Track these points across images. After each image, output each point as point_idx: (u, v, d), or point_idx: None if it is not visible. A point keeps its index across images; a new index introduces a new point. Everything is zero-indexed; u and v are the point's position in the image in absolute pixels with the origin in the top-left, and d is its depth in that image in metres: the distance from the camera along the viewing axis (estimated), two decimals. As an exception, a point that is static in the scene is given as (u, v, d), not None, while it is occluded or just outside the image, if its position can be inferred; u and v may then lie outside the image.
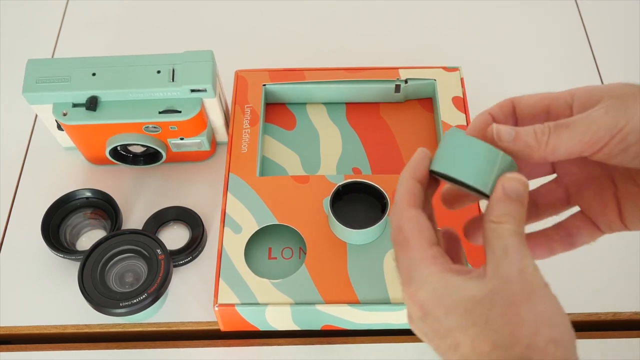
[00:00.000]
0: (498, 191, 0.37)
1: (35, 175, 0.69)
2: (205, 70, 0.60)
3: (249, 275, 0.55)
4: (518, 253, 0.36)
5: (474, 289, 0.36)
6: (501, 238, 0.36)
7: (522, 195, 0.37)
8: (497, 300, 0.35)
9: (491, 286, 0.35)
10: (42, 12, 0.84)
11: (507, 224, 0.37)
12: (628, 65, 0.76)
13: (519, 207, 0.37)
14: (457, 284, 0.36)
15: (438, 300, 0.36)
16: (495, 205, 0.37)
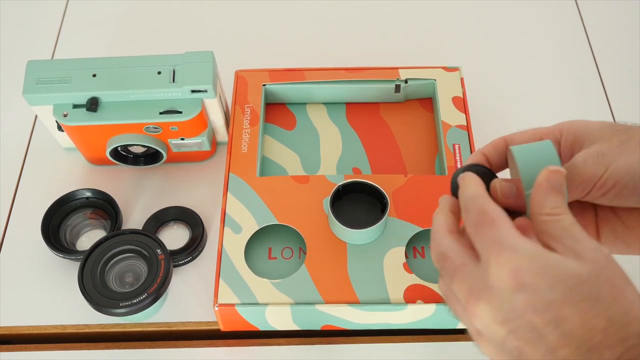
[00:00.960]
0: (544, 184, 0.38)
1: (35, 176, 0.69)
2: (205, 71, 0.60)
3: (249, 275, 0.55)
4: (591, 239, 0.36)
5: (576, 267, 0.34)
6: (566, 229, 0.36)
7: (564, 185, 0.38)
8: (602, 281, 0.34)
9: (590, 267, 0.34)
10: (42, 12, 0.84)
11: (564, 215, 0.37)
12: (628, 66, 0.76)
13: (563, 198, 0.38)
14: (556, 258, 0.35)
15: (541, 271, 0.34)
16: (545, 199, 0.37)
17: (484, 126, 0.69)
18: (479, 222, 0.38)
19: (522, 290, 0.34)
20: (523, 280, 0.34)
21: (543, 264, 0.34)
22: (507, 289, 0.35)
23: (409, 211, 0.58)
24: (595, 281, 0.34)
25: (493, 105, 0.72)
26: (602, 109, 0.73)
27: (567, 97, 0.74)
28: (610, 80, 0.75)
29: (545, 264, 0.34)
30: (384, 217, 0.55)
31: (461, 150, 0.62)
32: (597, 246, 0.35)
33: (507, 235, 0.36)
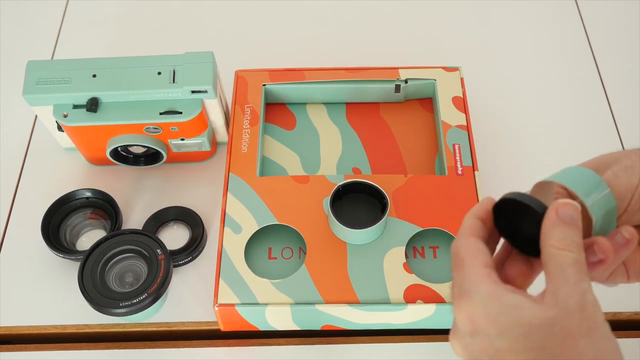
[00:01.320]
0: (552, 216, 0.38)
1: (35, 176, 0.69)
2: (205, 72, 0.60)
3: (249, 275, 0.55)
4: (578, 285, 0.36)
5: (531, 314, 0.36)
6: (561, 266, 0.37)
7: (577, 219, 0.38)
8: (556, 331, 0.35)
9: (551, 314, 0.35)
10: (42, 13, 0.84)
11: (567, 251, 0.37)
12: (628, 66, 0.76)
13: (576, 232, 0.38)
14: (512, 303, 0.36)
15: (491, 318, 0.36)
16: (552, 230, 0.38)
17: (484, 126, 0.69)
18: (453, 265, 0.39)
19: (476, 335, 0.37)
20: (477, 326, 0.36)
21: (496, 312, 0.36)
22: (466, 331, 0.37)
23: (409, 211, 0.58)
24: (547, 331, 0.35)
25: (493, 105, 0.72)
26: (602, 109, 0.73)
27: (567, 97, 0.74)
28: (610, 80, 0.75)
29: (499, 311, 0.36)
30: (384, 217, 0.55)
31: (461, 150, 0.62)
32: (579, 293, 0.36)
33: (471, 279, 0.38)
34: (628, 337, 0.58)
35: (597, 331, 0.36)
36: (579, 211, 0.39)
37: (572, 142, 0.70)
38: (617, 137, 0.70)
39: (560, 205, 0.38)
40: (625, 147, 0.70)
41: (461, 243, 0.40)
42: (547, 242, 0.38)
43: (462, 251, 0.40)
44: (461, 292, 0.38)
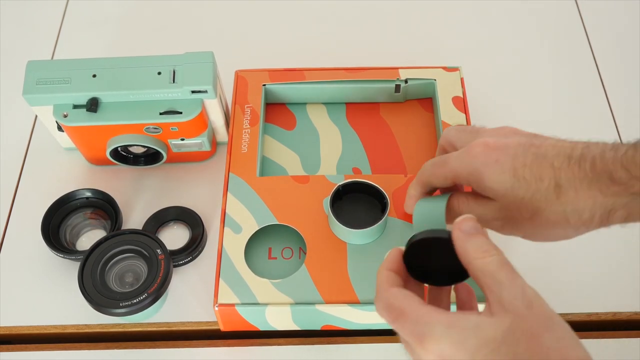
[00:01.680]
0: (459, 234, 0.41)
1: (35, 175, 0.69)
2: (205, 72, 0.60)
3: (249, 275, 0.55)
4: (515, 283, 0.38)
5: (491, 329, 0.37)
6: (491, 273, 0.38)
7: (479, 227, 0.41)
8: (518, 337, 0.36)
9: (507, 323, 0.36)
10: (42, 12, 0.84)
11: (489, 256, 0.39)
12: (628, 65, 0.76)
13: (485, 238, 0.40)
14: (471, 325, 0.37)
15: (459, 346, 0.37)
16: (466, 245, 0.40)
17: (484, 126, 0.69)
18: (391, 319, 0.40)
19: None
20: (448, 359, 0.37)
21: (461, 339, 0.37)
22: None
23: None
24: (512, 339, 0.36)
25: (493, 105, 0.72)
26: (602, 109, 0.73)
27: (566, 96, 0.74)
28: (610, 80, 0.75)
29: (463, 337, 0.37)
30: (384, 217, 0.55)
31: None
32: (521, 292, 0.37)
33: (422, 320, 0.38)
34: (628, 337, 0.59)
35: (552, 321, 0.37)
36: (475, 219, 0.41)
37: (572, 142, 0.70)
38: (617, 137, 0.70)
39: (461, 223, 0.41)
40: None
41: (387, 296, 0.41)
42: (468, 257, 0.40)
43: (393, 302, 0.40)
44: (419, 336, 0.38)
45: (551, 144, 0.44)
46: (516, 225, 0.45)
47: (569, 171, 0.42)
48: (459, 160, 0.46)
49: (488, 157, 0.44)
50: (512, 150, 0.44)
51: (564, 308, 0.59)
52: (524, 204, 0.43)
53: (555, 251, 0.62)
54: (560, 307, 0.59)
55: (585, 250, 0.63)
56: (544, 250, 0.62)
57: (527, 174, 0.43)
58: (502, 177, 0.43)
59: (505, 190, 0.44)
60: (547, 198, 0.42)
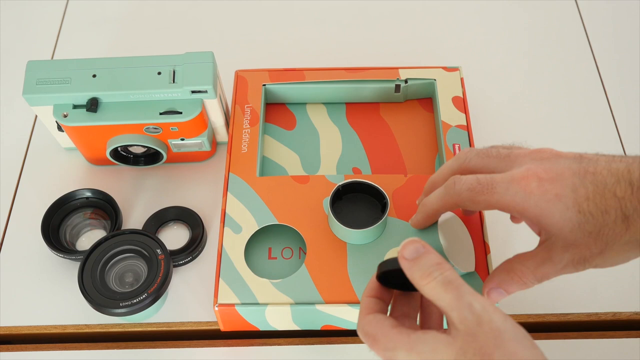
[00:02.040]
0: (403, 262, 0.41)
1: (35, 176, 0.69)
2: (205, 72, 0.60)
3: (249, 275, 0.55)
4: (461, 302, 0.38)
5: (445, 351, 0.38)
6: (437, 295, 0.39)
7: (422, 247, 0.41)
8: (470, 357, 0.37)
9: (459, 343, 0.38)
10: (42, 12, 0.84)
11: (432, 281, 0.40)
12: (628, 66, 0.76)
13: (429, 256, 0.40)
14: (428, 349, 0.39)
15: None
16: (411, 273, 0.41)
17: (484, 126, 0.69)
18: (369, 345, 0.42)
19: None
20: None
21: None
22: None
23: (409, 211, 0.57)
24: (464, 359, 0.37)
25: (493, 105, 0.72)
26: (602, 109, 0.73)
27: (567, 96, 0.74)
28: (610, 80, 0.75)
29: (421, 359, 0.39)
30: (384, 217, 0.55)
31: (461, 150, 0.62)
32: (469, 309, 0.38)
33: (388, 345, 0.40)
34: (628, 337, 0.58)
35: (502, 337, 0.37)
36: (418, 240, 0.41)
37: (572, 142, 0.70)
38: (617, 137, 0.70)
39: (403, 249, 0.41)
40: (625, 147, 0.70)
41: (363, 324, 0.42)
42: (417, 284, 0.40)
43: (368, 329, 0.42)
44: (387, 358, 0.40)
45: (606, 168, 0.42)
46: (587, 261, 0.43)
47: (635, 199, 0.40)
48: (511, 193, 0.43)
49: (546, 193, 0.42)
50: (569, 181, 0.42)
51: (564, 308, 0.59)
52: (592, 239, 0.42)
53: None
54: (560, 307, 0.60)
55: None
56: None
57: (592, 208, 0.41)
58: (567, 214, 0.42)
59: (571, 228, 0.42)
60: (616, 231, 0.41)
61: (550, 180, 0.42)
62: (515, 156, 0.46)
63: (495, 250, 0.57)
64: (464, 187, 0.46)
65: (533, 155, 0.45)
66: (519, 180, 0.43)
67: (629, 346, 0.58)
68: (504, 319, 0.38)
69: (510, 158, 0.46)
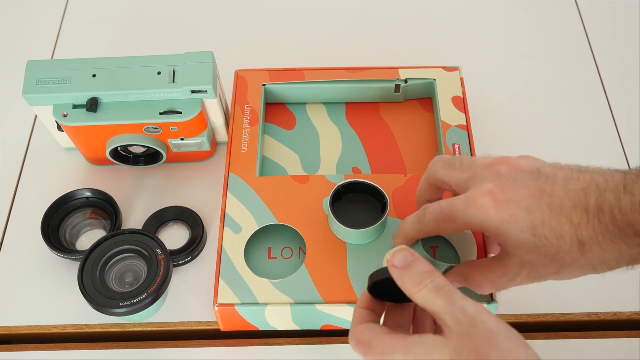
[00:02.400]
0: (393, 271, 0.42)
1: (35, 176, 0.69)
2: (205, 72, 0.60)
3: (249, 276, 0.55)
4: (453, 306, 0.39)
5: (440, 352, 0.39)
6: (429, 302, 0.40)
7: (412, 255, 0.42)
8: (465, 356, 0.38)
9: (454, 344, 0.38)
10: (42, 12, 0.84)
11: (423, 289, 0.41)
12: (628, 65, 0.76)
13: (419, 265, 0.42)
14: (423, 351, 0.39)
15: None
16: (402, 282, 0.42)
17: (484, 126, 0.69)
18: (363, 353, 0.42)
19: None
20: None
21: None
22: None
23: (409, 211, 0.57)
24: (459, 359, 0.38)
25: (493, 105, 0.72)
26: (602, 109, 0.73)
27: (566, 96, 0.74)
28: (610, 80, 0.75)
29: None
30: (384, 217, 0.55)
31: (461, 150, 0.62)
32: (462, 312, 0.39)
33: (385, 350, 0.41)
34: (628, 337, 0.58)
35: (497, 338, 0.38)
36: (407, 249, 0.43)
37: (572, 142, 0.70)
38: (617, 137, 0.70)
39: (393, 258, 0.42)
40: (625, 147, 0.70)
41: (356, 333, 0.43)
42: (408, 292, 0.41)
43: (361, 337, 0.42)
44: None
45: (563, 190, 0.42)
46: (543, 278, 0.44)
47: (590, 228, 0.41)
48: (469, 215, 0.44)
49: (502, 214, 0.43)
50: (525, 203, 0.42)
51: (564, 308, 0.59)
52: (547, 261, 0.43)
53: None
54: (560, 307, 0.59)
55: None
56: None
57: (548, 233, 0.42)
58: (523, 236, 0.42)
59: (527, 250, 0.43)
60: (572, 256, 0.42)
61: (506, 202, 0.43)
62: (475, 168, 0.46)
63: (495, 250, 0.57)
64: (431, 218, 0.47)
65: (492, 168, 0.45)
66: (475, 202, 0.44)
67: (629, 346, 0.58)
68: (496, 321, 0.39)
69: (471, 169, 0.46)
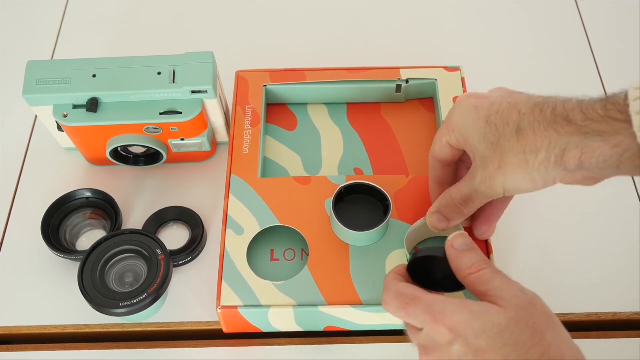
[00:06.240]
0: (452, 251, 0.45)
1: (35, 176, 0.69)
2: (205, 72, 0.60)
3: (251, 277, 0.55)
4: (512, 286, 0.42)
5: (498, 316, 0.40)
6: (486, 282, 0.42)
7: (472, 243, 0.45)
8: (522, 327, 0.39)
9: (512, 314, 0.40)
10: (42, 12, 0.83)
11: (483, 270, 0.43)
12: (628, 65, 0.76)
13: (477, 252, 0.44)
14: (480, 310, 0.41)
15: (467, 324, 0.41)
16: (459, 262, 0.44)
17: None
18: (402, 305, 0.44)
19: (455, 342, 0.41)
20: (457, 332, 0.41)
21: (468, 319, 0.41)
22: (446, 342, 0.41)
23: (411, 213, 0.57)
24: (515, 328, 0.40)
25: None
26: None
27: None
28: (610, 80, 0.75)
29: (471, 318, 0.41)
30: (387, 219, 0.55)
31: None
32: (521, 291, 0.41)
33: (437, 301, 0.43)
34: (628, 337, 0.59)
35: (554, 322, 0.41)
36: (467, 235, 0.45)
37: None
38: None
39: (454, 240, 0.45)
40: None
41: (398, 287, 0.45)
42: (462, 274, 0.44)
43: (405, 291, 0.44)
44: (434, 314, 0.42)
45: (527, 96, 0.46)
46: (493, 178, 0.46)
47: (531, 116, 0.44)
48: (456, 115, 0.49)
49: (468, 103, 0.47)
50: (491, 100, 0.47)
51: (564, 308, 0.59)
52: (492, 150, 0.45)
53: (555, 251, 0.62)
54: (560, 307, 0.60)
55: (585, 251, 0.63)
56: (544, 250, 0.62)
57: (498, 120, 0.45)
58: (478, 123, 0.46)
59: (479, 138, 0.46)
60: (510, 141, 0.44)
61: (477, 97, 0.48)
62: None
63: (497, 250, 0.58)
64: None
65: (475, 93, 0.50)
66: (461, 103, 0.49)
67: (629, 346, 0.58)
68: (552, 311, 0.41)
69: None
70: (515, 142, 0.44)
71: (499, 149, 0.45)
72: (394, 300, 0.44)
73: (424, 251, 0.46)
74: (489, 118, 0.46)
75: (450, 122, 0.50)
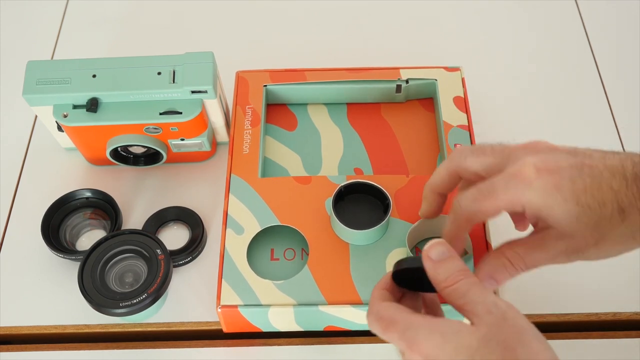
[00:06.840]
0: (428, 263, 0.43)
1: (35, 176, 0.69)
2: (205, 72, 0.60)
3: (251, 277, 0.55)
4: (486, 299, 0.40)
5: (468, 337, 0.39)
6: (461, 294, 0.41)
7: (449, 251, 0.43)
8: (494, 347, 0.38)
9: (483, 332, 0.39)
10: (42, 12, 0.83)
11: (458, 283, 0.41)
12: (628, 65, 0.76)
13: (455, 261, 0.42)
14: (451, 331, 0.39)
15: (439, 349, 0.39)
16: (435, 274, 0.42)
17: (485, 126, 0.69)
18: (382, 329, 0.42)
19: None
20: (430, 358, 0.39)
21: (441, 342, 0.39)
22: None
23: (411, 212, 0.57)
24: (485, 349, 0.38)
25: (494, 105, 0.73)
26: (602, 109, 0.73)
27: (567, 96, 0.74)
28: (610, 80, 0.75)
29: (443, 341, 0.39)
30: (387, 218, 0.55)
31: (462, 151, 0.62)
32: (494, 305, 0.40)
33: (411, 326, 0.41)
34: (628, 337, 0.59)
35: (526, 335, 0.39)
36: (445, 244, 0.43)
37: (572, 142, 0.70)
38: (617, 137, 0.71)
39: (430, 250, 0.43)
40: (625, 147, 0.70)
41: (378, 309, 0.43)
42: (439, 287, 0.42)
43: (384, 313, 0.42)
44: (408, 340, 0.40)
45: (601, 163, 0.42)
46: (581, 252, 0.44)
47: (629, 194, 0.41)
48: (512, 190, 0.42)
49: (546, 184, 0.42)
50: (567, 173, 0.42)
51: (564, 308, 0.59)
52: (588, 231, 0.42)
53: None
54: (560, 307, 0.60)
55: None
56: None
57: (590, 201, 0.41)
58: (566, 206, 0.42)
59: (570, 220, 0.42)
60: (613, 223, 0.42)
61: (547, 171, 0.42)
62: (510, 150, 0.46)
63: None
64: (468, 201, 0.45)
65: (528, 148, 0.45)
66: (517, 174, 0.43)
67: (629, 346, 0.58)
68: (526, 320, 0.39)
69: (505, 152, 0.46)
70: (619, 222, 0.41)
71: (598, 229, 0.42)
72: (374, 323, 0.43)
73: (404, 262, 0.45)
74: (579, 199, 0.41)
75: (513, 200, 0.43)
